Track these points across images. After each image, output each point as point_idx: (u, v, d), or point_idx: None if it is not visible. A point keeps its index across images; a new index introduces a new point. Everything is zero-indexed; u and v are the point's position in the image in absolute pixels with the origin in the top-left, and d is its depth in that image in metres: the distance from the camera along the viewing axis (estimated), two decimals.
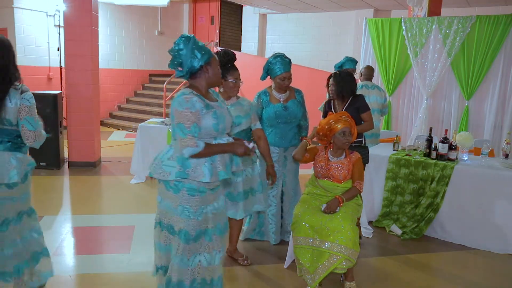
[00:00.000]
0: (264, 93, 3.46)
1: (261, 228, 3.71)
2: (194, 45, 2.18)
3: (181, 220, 2.20)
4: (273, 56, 3.34)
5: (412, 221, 3.99)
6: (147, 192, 5.09)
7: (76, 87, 5.90)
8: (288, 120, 3.42)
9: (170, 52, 2.22)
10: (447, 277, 3.25)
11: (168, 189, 2.21)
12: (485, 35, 5.33)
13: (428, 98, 5.83)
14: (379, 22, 6.11)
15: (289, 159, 3.49)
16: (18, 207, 2.45)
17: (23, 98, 2.41)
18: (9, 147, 2.34)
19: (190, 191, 2.19)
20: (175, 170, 2.15)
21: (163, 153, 2.24)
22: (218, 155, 2.21)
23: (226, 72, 2.91)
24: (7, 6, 7.96)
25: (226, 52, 2.96)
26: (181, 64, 2.18)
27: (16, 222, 2.44)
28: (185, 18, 12.00)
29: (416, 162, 3.96)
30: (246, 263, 3.29)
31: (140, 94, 10.86)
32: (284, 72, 3.29)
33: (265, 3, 9.88)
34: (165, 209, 2.26)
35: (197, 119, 2.12)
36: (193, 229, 2.21)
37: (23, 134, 2.37)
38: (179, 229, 2.21)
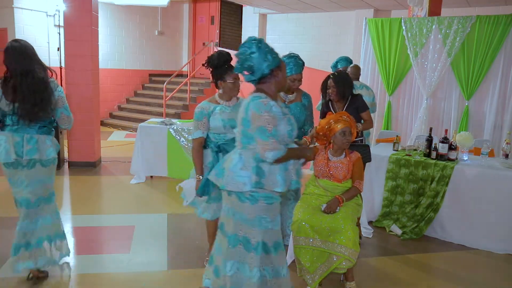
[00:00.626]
0: None
1: None
2: (267, 48, 2.13)
3: (259, 231, 2.16)
4: (287, 56, 3.25)
5: (412, 221, 3.99)
6: (147, 192, 5.09)
7: (76, 87, 5.90)
8: None
9: (239, 56, 2.14)
10: (447, 277, 3.25)
11: (244, 201, 2.14)
12: (485, 35, 5.33)
13: (428, 98, 5.83)
14: (379, 22, 6.11)
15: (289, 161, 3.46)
16: (49, 188, 2.94)
17: (59, 91, 2.86)
18: (45, 131, 2.84)
19: (268, 200, 2.15)
20: (250, 180, 2.09)
21: (232, 164, 2.15)
22: (291, 164, 2.18)
23: (224, 73, 2.89)
24: (7, 6, 7.97)
25: (220, 53, 2.91)
26: (251, 68, 2.12)
27: (46, 201, 2.94)
28: (185, 18, 11.99)
29: (416, 162, 3.96)
30: None
31: (140, 94, 10.86)
32: (296, 74, 3.25)
33: (265, 3, 9.88)
34: (239, 221, 2.19)
35: (276, 123, 2.09)
36: (271, 239, 2.17)
37: (61, 119, 2.89)
38: (256, 241, 2.16)
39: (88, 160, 6.04)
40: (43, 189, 2.89)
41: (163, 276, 3.09)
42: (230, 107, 2.98)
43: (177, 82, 10.41)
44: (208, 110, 2.94)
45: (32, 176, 2.81)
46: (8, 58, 2.72)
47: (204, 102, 3.00)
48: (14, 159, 2.72)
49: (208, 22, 11.91)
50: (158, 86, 10.66)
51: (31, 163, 2.79)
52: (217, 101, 2.99)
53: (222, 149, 2.96)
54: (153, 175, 5.57)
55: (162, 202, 4.79)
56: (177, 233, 3.88)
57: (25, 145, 2.74)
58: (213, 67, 2.91)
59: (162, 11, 11.19)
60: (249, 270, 2.18)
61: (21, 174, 2.80)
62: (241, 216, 2.17)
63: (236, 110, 2.97)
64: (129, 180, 5.44)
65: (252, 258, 2.18)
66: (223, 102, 2.97)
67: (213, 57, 2.90)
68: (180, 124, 5.58)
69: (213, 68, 2.91)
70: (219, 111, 2.93)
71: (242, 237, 2.19)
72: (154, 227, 3.97)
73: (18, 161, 2.76)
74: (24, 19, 8.16)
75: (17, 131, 2.75)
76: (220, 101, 2.98)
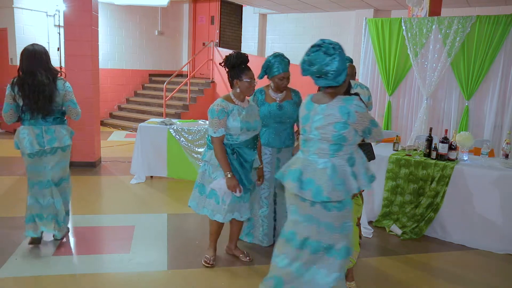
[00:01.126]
0: (260, 91, 3.41)
1: (250, 230, 3.62)
2: (344, 52, 2.14)
3: (343, 236, 2.19)
4: (272, 55, 3.31)
5: (412, 221, 3.99)
6: (147, 192, 5.09)
7: (76, 87, 5.85)
8: (282, 120, 3.37)
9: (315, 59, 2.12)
10: (447, 277, 3.25)
11: (331, 209, 2.16)
12: (485, 35, 5.32)
13: (428, 98, 5.83)
14: (379, 22, 6.11)
15: (282, 160, 3.42)
16: (67, 169, 3.50)
17: (66, 87, 3.32)
18: (59, 121, 3.35)
19: (350, 204, 2.23)
20: (345, 189, 2.13)
21: (328, 175, 2.12)
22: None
23: (241, 72, 2.94)
24: (7, 6, 7.97)
25: (239, 54, 2.98)
26: (327, 72, 2.10)
27: (66, 180, 3.51)
28: (185, 18, 11.99)
29: (416, 162, 3.96)
30: (248, 259, 3.30)
31: (140, 94, 10.86)
32: (283, 72, 3.26)
33: (265, 3, 9.88)
34: (325, 230, 2.19)
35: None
36: (350, 243, 2.25)
37: (69, 111, 3.36)
38: (340, 246, 2.19)
39: (88, 160, 6.03)
40: (64, 171, 3.45)
41: (163, 276, 3.09)
42: (245, 109, 2.99)
43: (177, 82, 10.41)
44: (228, 109, 2.93)
45: (55, 161, 3.35)
46: (20, 59, 3.24)
47: (222, 101, 2.96)
48: (38, 149, 3.23)
49: (208, 22, 11.91)
50: (158, 86, 10.66)
51: (54, 150, 3.31)
52: (233, 100, 2.99)
53: (236, 151, 2.96)
54: (153, 175, 5.57)
55: (162, 202, 4.79)
56: (177, 233, 3.88)
57: (45, 136, 3.25)
58: (230, 66, 2.96)
59: (162, 11, 11.19)
60: (327, 275, 2.20)
61: (45, 160, 3.31)
62: (327, 225, 2.18)
63: (249, 112, 2.98)
64: (129, 180, 5.44)
65: (332, 263, 2.20)
66: (238, 102, 2.99)
67: (231, 56, 2.97)
68: (180, 124, 5.58)
69: (230, 67, 2.97)
70: (237, 111, 2.94)
71: (326, 244, 2.21)
72: (154, 227, 3.97)
73: (42, 150, 3.26)
74: (24, 19, 8.16)
75: (35, 124, 3.24)
76: (235, 101, 2.99)
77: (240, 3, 10.59)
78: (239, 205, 3.06)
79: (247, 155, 2.96)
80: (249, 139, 3.00)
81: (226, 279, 3.07)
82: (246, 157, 2.96)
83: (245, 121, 2.93)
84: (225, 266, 3.26)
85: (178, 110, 9.69)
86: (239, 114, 2.93)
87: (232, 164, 2.94)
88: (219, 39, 11.56)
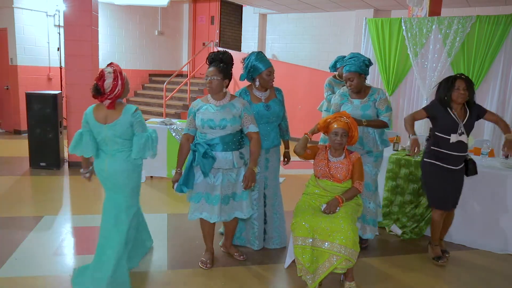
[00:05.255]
0: (245, 92, 3.35)
1: (241, 233, 3.58)
2: None
3: None
4: (253, 54, 3.27)
5: (412, 221, 3.99)
6: (147, 192, 5.09)
7: (76, 87, 5.90)
8: (270, 120, 3.34)
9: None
10: (447, 277, 3.25)
11: None
12: (485, 35, 5.33)
13: (428, 98, 5.83)
14: (379, 22, 6.11)
15: (271, 161, 3.42)
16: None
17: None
18: None
19: None
20: None
21: None
22: None
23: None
24: (7, 6, 7.96)
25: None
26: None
27: None
28: (185, 18, 12.00)
29: (416, 162, 3.96)
30: (242, 258, 3.30)
31: (140, 94, 10.86)
32: (270, 67, 3.25)
33: (265, 3, 9.88)
34: None
35: None
36: None
37: None
38: None
39: None
40: None
41: (163, 276, 3.09)
42: (219, 107, 2.97)
43: (177, 82, 10.41)
44: (195, 107, 3.03)
45: None
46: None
47: (196, 100, 3.10)
48: None
49: (208, 22, 11.91)
50: (158, 86, 10.66)
51: None
52: (208, 100, 3.03)
53: (196, 148, 2.95)
54: (153, 175, 5.56)
55: (162, 202, 4.79)
56: (177, 233, 3.88)
57: None
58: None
59: (162, 11, 11.19)
60: None
61: None
62: None
63: (223, 110, 2.95)
64: None
65: None
66: (213, 101, 3.00)
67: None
68: (180, 124, 5.58)
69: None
70: (204, 110, 2.98)
71: None
72: (154, 227, 3.96)
73: None
74: (24, 19, 8.15)
75: None
76: (210, 100, 3.01)
77: (240, 3, 10.58)
78: (208, 205, 3.00)
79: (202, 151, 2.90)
80: (215, 138, 2.94)
81: (225, 279, 3.07)
82: (200, 152, 2.90)
83: (208, 118, 2.93)
84: (225, 266, 3.26)
85: (178, 110, 9.69)
86: (205, 112, 2.96)
87: (187, 163, 3.00)
88: (219, 39, 11.56)
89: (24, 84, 8.22)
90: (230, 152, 2.97)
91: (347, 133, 2.96)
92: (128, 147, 2.87)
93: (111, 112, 2.85)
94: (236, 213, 3.08)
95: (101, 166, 2.88)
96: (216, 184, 2.98)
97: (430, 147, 3.37)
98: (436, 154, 3.31)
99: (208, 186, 3.00)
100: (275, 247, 3.58)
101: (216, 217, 2.98)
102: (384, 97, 3.44)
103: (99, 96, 2.87)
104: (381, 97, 3.43)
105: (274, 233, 3.57)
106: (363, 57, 3.37)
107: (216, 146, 2.95)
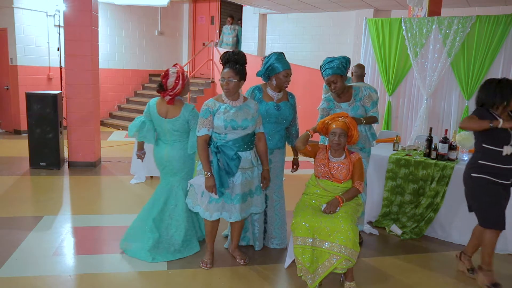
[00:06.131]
0: (258, 89, 3.37)
1: (246, 233, 3.60)
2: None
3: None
4: (273, 54, 3.30)
5: (412, 221, 3.99)
6: (147, 192, 5.09)
7: (76, 87, 5.90)
8: (278, 120, 3.35)
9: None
10: (447, 277, 3.24)
11: None
12: (485, 35, 5.32)
13: (428, 98, 5.83)
14: (379, 22, 6.11)
15: (274, 162, 3.42)
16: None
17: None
18: None
19: None
20: None
21: None
22: None
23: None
24: (7, 6, 7.96)
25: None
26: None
27: None
28: (185, 18, 12.00)
29: (416, 162, 3.96)
30: (242, 262, 3.30)
31: (140, 94, 10.86)
32: (288, 69, 3.27)
33: (265, 3, 9.87)
34: None
35: None
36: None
37: None
38: None
39: (88, 160, 6.04)
40: None
41: (163, 276, 3.09)
42: (235, 107, 2.98)
43: None
44: (213, 108, 2.97)
45: None
46: None
47: (210, 101, 3.03)
48: None
49: (208, 22, 11.91)
50: None
51: None
52: (223, 100, 3.01)
53: (220, 150, 2.96)
54: (153, 175, 5.56)
55: None
56: None
57: None
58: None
59: (162, 11, 11.19)
60: None
61: None
62: None
63: (240, 111, 2.97)
64: (129, 180, 5.44)
65: None
66: (228, 101, 2.99)
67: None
68: None
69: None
70: (223, 110, 2.95)
71: None
72: None
73: None
74: (24, 19, 8.15)
75: None
76: (225, 100, 3.00)
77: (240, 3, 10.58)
78: (228, 205, 3.03)
79: (231, 153, 2.93)
80: (237, 139, 2.97)
81: (225, 279, 3.07)
82: (229, 155, 2.93)
83: (231, 119, 2.93)
84: (225, 266, 3.26)
85: None
86: (225, 113, 2.94)
87: (213, 165, 2.96)
88: (219, 39, 11.56)
89: (24, 84, 8.22)
90: (249, 151, 3.04)
91: (346, 133, 2.96)
92: (185, 138, 3.30)
93: (172, 108, 3.24)
94: (252, 208, 3.14)
95: (160, 153, 3.34)
96: (236, 184, 3.01)
97: (478, 161, 3.00)
98: (487, 169, 2.93)
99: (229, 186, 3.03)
100: (275, 247, 3.58)
101: (238, 215, 3.02)
102: (367, 94, 3.48)
103: (162, 92, 3.23)
104: (365, 94, 3.48)
105: (275, 234, 3.58)
106: (340, 59, 3.38)
107: (239, 146, 2.98)
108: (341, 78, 3.36)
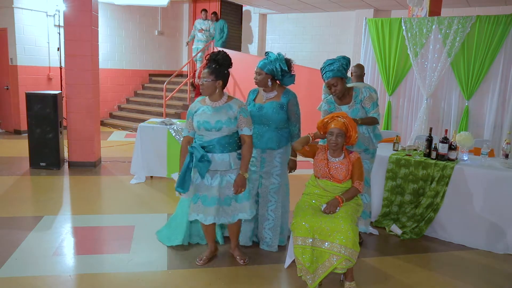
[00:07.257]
0: (253, 91, 3.43)
1: (253, 232, 3.61)
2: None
3: None
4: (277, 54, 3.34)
5: (412, 221, 3.99)
6: (147, 192, 5.09)
7: (76, 87, 5.90)
8: (262, 121, 3.31)
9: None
10: (447, 277, 3.24)
11: None
12: (485, 35, 5.33)
13: (428, 98, 5.83)
14: (379, 22, 6.11)
15: (267, 161, 3.39)
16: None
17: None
18: None
19: None
20: None
21: None
22: None
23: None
24: (7, 6, 7.96)
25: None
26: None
27: None
28: (185, 18, 11.99)
29: (416, 162, 3.96)
30: (242, 262, 3.29)
31: (140, 94, 10.86)
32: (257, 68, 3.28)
33: (265, 3, 9.88)
34: None
35: None
36: None
37: None
38: None
39: (88, 160, 6.04)
40: None
41: (163, 276, 3.09)
42: (214, 108, 2.97)
43: (177, 82, 10.41)
44: (193, 109, 3.04)
45: None
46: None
47: (194, 102, 3.10)
48: None
49: None
50: (158, 86, 10.66)
51: None
52: (205, 101, 3.04)
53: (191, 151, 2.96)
54: (153, 175, 5.56)
55: (162, 202, 4.79)
56: None
57: None
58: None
59: (162, 11, 11.19)
60: None
61: None
62: None
63: (219, 111, 2.94)
64: (129, 180, 5.44)
65: None
66: (210, 102, 2.99)
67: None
68: (180, 124, 5.58)
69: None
70: (201, 112, 2.98)
71: None
72: (154, 227, 3.97)
73: None
74: (24, 19, 8.15)
75: None
76: (207, 101, 3.01)
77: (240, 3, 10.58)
78: (204, 207, 3.02)
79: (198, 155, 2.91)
80: (212, 140, 2.95)
81: (225, 278, 3.07)
82: (197, 156, 2.92)
83: (204, 120, 2.94)
84: (226, 266, 3.26)
85: (178, 110, 9.69)
86: (202, 114, 2.96)
87: (184, 165, 2.98)
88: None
89: (24, 84, 8.22)
90: (227, 153, 2.98)
91: (344, 133, 2.95)
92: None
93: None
94: (240, 214, 3.09)
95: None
96: (213, 186, 2.99)
97: None
98: None
99: (205, 188, 3.02)
100: (264, 248, 3.52)
101: (212, 218, 2.99)
102: (368, 95, 3.47)
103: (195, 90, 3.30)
104: (365, 95, 3.46)
105: (265, 234, 3.50)
106: (341, 60, 3.37)
107: (213, 148, 2.96)
108: (341, 80, 3.36)
